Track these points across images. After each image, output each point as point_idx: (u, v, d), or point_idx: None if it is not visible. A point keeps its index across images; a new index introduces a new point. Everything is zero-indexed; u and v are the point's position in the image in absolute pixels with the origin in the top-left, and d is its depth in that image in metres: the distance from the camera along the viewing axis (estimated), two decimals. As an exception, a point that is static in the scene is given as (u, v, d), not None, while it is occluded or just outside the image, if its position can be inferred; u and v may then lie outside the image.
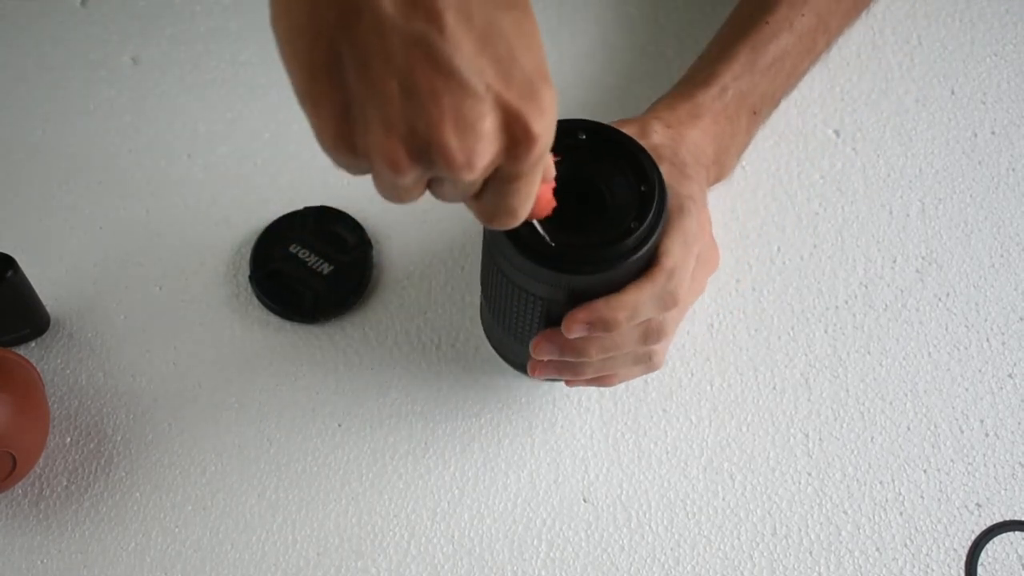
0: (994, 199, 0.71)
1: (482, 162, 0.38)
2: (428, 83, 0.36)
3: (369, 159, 0.39)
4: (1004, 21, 0.78)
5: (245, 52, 0.77)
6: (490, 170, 0.40)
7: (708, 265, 0.58)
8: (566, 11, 0.78)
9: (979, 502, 0.62)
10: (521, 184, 0.41)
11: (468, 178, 0.38)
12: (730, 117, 0.64)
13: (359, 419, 0.64)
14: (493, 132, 0.38)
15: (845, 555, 0.61)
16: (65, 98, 0.75)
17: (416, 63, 0.36)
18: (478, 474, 0.63)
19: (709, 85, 0.64)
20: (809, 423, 0.64)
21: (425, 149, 0.38)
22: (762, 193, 0.71)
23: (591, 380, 0.58)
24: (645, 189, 0.51)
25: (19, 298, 0.63)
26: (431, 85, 0.36)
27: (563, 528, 0.62)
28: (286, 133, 0.73)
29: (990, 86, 0.76)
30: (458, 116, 0.37)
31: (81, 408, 0.65)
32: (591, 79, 0.75)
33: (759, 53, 0.66)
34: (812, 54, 0.71)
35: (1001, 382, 0.66)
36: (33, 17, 0.78)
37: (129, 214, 0.71)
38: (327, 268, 0.67)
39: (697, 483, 0.63)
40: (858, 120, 0.74)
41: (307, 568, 0.61)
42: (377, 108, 0.37)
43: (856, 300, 0.68)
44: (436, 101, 0.36)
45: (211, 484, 0.63)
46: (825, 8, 0.69)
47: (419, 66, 0.36)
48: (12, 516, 0.62)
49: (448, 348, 0.67)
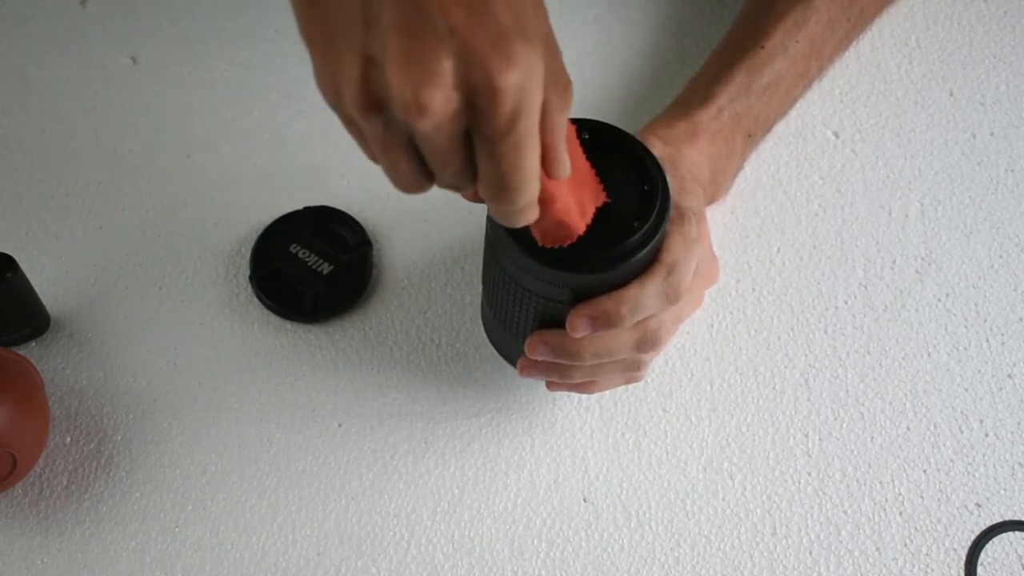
0: (993, 200, 0.72)
1: (434, 106, 0.37)
2: (389, 15, 0.36)
3: (340, 98, 0.38)
4: (1002, 23, 0.79)
5: (245, 52, 0.77)
6: (456, 123, 0.38)
7: (707, 278, 0.59)
8: (566, 11, 0.78)
9: (979, 502, 0.62)
10: (504, 149, 0.39)
11: (422, 124, 0.37)
12: (726, 138, 0.65)
13: (359, 419, 0.64)
14: (449, 77, 0.36)
15: (845, 555, 0.61)
16: (65, 98, 0.75)
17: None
18: (478, 474, 0.63)
19: (706, 105, 0.65)
20: (809, 423, 0.64)
21: (382, 85, 0.37)
22: (762, 194, 0.71)
23: (573, 385, 0.58)
24: (648, 189, 0.51)
25: (19, 298, 0.63)
26: (391, 17, 0.36)
27: (563, 528, 0.62)
28: (286, 133, 0.73)
29: (988, 88, 0.76)
30: (411, 52, 0.36)
31: (81, 408, 0.65)
32: (591, 79, 0.76)
33: (754, 76, 0.66)
34: (805, 79, 0.71)
35: (1001, 382, 0.66)
36: (33, 17, 0.78)
37: (129, 214, 0.71)
38: (327, 268, 0.67)
39: (697, 483, 0.63)
40: (857, 121, 0.74)
41: (307, 568, 0.61)
42: (345, 41, 0.37)
43: (856, 300, 0.68)
44: (393, 35, 0.36)
45: (211, 484, 0.63)
46: (819, 35, 0.70)
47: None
48: (12, 516, 0.62)
49: (448, 348, 0.67)
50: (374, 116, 0.38)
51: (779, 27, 0.68)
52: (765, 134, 0.71)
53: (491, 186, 0.41)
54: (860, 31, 0.76)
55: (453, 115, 0.38)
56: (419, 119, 0.37)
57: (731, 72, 0.66)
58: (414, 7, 0.36)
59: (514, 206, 0.42)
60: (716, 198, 0.67)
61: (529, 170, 0.40)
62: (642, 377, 0.59)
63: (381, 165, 0.41)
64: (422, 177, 0.42)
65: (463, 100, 0.37)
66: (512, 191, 0.41)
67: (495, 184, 0.41)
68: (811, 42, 0.69)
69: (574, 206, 0.47)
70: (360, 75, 0.37)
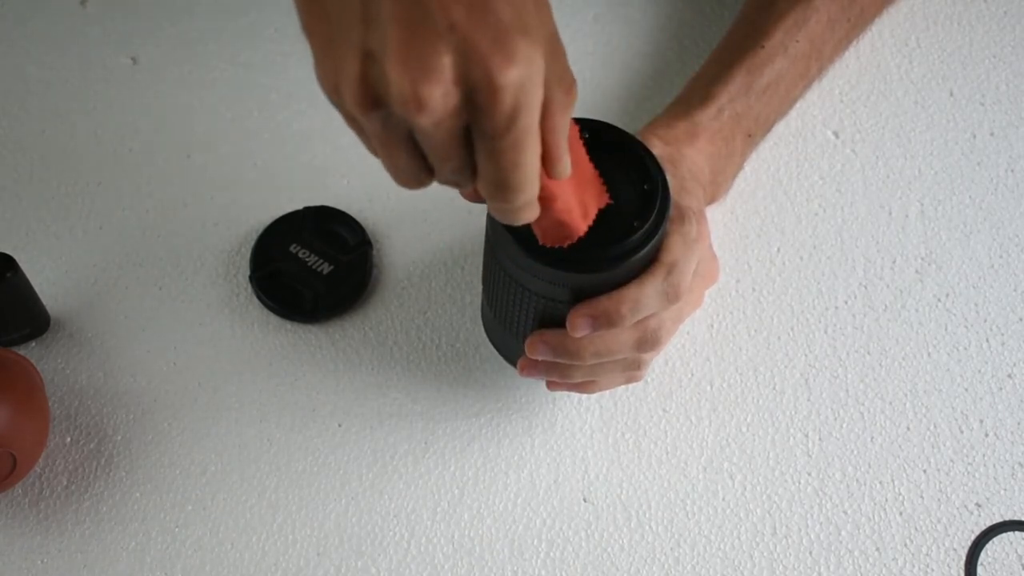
0: (993, 200, 0.72)
1: (433, 102, 0.37)
2: (389, 10, 0.36)
3: (340, 95, 0.38)
4: (1002, 23, 0.79)
5: (245, 52, 0.77)
6: (456, 120, 0.38)
7: (707, 278, 0.59)
8: (566, 11, 0.78)
9: (979, 502, 0.62)
10: (503, 146, 0.39)
11: (422, 120, 0.37)
12: (726, 138, 0.65)
13: (359, 419, 0.64)
14: (448, 73, 0.36)
15: (845, 555, 0.61)
16: (65, 98, 0.75)
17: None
18: (478, 474, 0.63)
19: (706, 105, 0.65)
20: (809, 423, 0.64)
21: (381, 81, 0.37)
22: (762, 194, 0.71)
23: (573, 385, 0.58)
24: (648, 188, 0.51)
25: (19, 298, 0.63)
26: (391, 13, 0.36)
27: (563, 528, 0.62)
28: (286, 133, 0.73)
29: (988, 88, 0.76)
30: (410, 48, 0.36)
31: (81, 408, 0.65)
32: (591, 79, 0.76)
33: (754, 76, 0.67)
34: (805, 79, 0.72)
35: (1001, 382, 0.66)
36: (33, 17, 0.78)
37: (129, 214, 0.71)
38: (327, 268, 0.67)
39: (697, 483, 0.63)
40: (857, 121, 0.74)
41: (307, 568, 0.61)
42: (345, 36, 0.37)
43: (856, 300, 0.68)
44: (393, 30, 0.36)
45: (211, 484, 0.63)
46: (819, 35, 0.70)
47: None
48: (12, 516, 0.62)
49: (448, 348, 0.67)
50: (373, 112, 0.38)
51: (779, 27, 0.68)
52: (765, 134, 0.71)
53: (490, 183, 0.41)
54: (860, 31, 0.76)
55: (453, 111, 0.37)
56: (418, 115, 0.37)
57: (731, 72, 0.66)
58: (414, 3, 0.36)
59: (513, 204, 0.42)
60: (716, 198, 0.67)
61: (528, 168, 0.40)
62: (642, 377, 0.59)
63: (381, 160, 0.41)
64: (422, 172, 0.42)
65: (463, 96, 0.37)
66: (511, 189, 0.41)
67: (494, 181, 0.41)
68: (811, 42, 0.69)
69: (576, 206, 0.47)
70: (360, 71, 0.37)
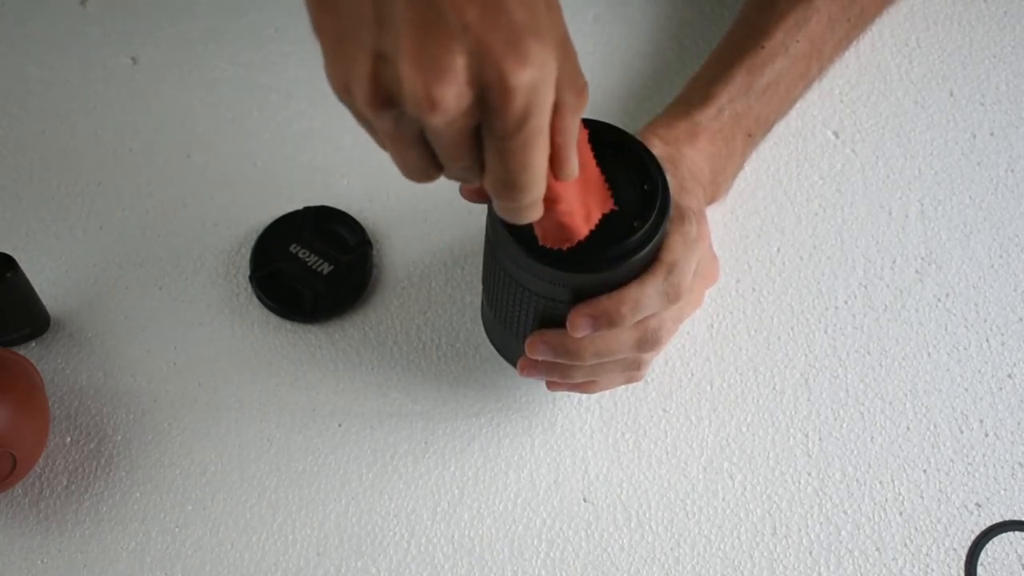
0: (993, 200, 0.72)
1: (446, 102, 0.37)
2: (401, 11, 0.36)
3: (351, 94, 0.38)
4: (1002, 23, 0.79)
5: (245, 52, 0.77)
6: (467, 120, 0.38)
7: (707, 279, 0.59)
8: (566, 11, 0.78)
9: (979, 502, 0.62)
10: (513, 146, 0.39)
11: (434, 120, 0.37)
12: (726, 138, 0.65)
13: (359, 419, 0.64)
14: (461, 73, 0.36)
15: (845, 555, 0.61)
16: (65, 98, 0.75)
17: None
18: (478, 474, 0.63)
19: (706, 105, 0.65)
20: (809, 423, 0.64)
21: (394, 81, 0.37)
22: (762, 194, 0.71)
23: (573, 385, 0.58)
24: (648, 188, 0.51)
25: (19, 298, 0.63)
26: (404, 13, 0.36)
27: (563, 528, 0.62)
28: (286, 133, 0.73)
29: (988, 88, 0.76)
30: (424, 48, 0.36)
31: (81, 408, 0.65)
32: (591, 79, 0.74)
33: (755, 76, 0.67)
34: (805, 79, 0.72)
35: (1001, 382, 0.66)
36: (33, 17, 0.78)
37: (129, 214, 0.71)
38: (327, 268, 0.67)
39: (697, 483, 0.63)
40: (857, 121, 0.74)
41: (307, 568, 0.61)
42: (356, 37, 0.37)
43: (856, 300, 0.68)
44: (406, 30, 0.36)
45: (211, 484, 0.63)
46: (819, 35, 0.70)
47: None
48: (12, 516, 0.62)
49: (448, 348, 0.67)
50: (384, 111, 0.38)
51: (779, 27, 0.68)
52: (765, 134, 0.71)
53: (498, 182, 0.41)
54: (860, 31, 0.76)
55: (465, 111, 0.38)
56: (431, 114, 0.37)
57: (731, 72, 0.66)
58: (427, 3, 0.36)
59: (519, 203, 0.42)
60: (716, 198, 0.67)
61: (537, 168, 0.41)
62: (642, 377, 0.59)
63: (390, 155, 0.42)
64: (431, 168, 0.42)
65: (475, 97, 0.37)
66: (518, 188, 0.41)
67: (502, 180, 0.41)
68: (811, 42, 0.69)
69: (579, 209, 0.47)
70: (371, 71, 0.37)
